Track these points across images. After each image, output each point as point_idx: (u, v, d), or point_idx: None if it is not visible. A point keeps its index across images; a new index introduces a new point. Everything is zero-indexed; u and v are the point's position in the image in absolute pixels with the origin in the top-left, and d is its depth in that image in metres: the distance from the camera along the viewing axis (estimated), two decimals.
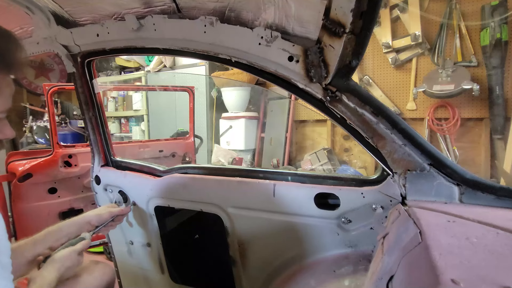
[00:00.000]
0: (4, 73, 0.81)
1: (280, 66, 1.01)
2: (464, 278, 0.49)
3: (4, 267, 0.82)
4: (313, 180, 1.19)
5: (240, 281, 1.43)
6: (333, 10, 0.83)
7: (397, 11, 3.74)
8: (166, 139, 3.56)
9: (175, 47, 1.20)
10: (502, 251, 0.59)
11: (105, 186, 1.68)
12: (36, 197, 2.64)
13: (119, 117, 5.84)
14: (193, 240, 1.52)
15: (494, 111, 3.28)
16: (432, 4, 3.59)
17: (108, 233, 1.45)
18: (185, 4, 1.10)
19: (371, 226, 1.08)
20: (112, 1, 1.17)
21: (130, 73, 5.71)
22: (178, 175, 1.45)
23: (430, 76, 3.51)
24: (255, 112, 4.76)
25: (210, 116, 4.75)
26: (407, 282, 0.57)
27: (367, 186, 1.08)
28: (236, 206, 1.33)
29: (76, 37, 1.39)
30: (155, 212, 1.53)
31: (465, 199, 0.90)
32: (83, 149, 2.80)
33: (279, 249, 1.29)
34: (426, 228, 0.70)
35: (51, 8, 1.32)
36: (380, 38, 3.86)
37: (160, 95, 5.19)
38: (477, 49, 3.37)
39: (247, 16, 1.04)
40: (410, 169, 0.94)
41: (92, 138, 1.65)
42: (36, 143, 5.00)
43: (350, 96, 0.95)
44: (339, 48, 0.87)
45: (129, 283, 1.84)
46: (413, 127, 0.93)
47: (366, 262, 1.06)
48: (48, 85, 2.63)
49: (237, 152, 4.51)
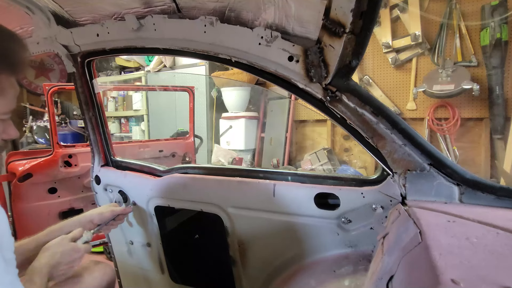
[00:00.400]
0: (9, 74, 0.81)
1: (280, 66, 1.01)
2: (464, 278, 0.49)
3: (9, 263, 0.82)
4: (313, 180, 1.19)
5: (240, 281, 1.43)
6: (333, 10, 0.83)
7: (397, 11, 3.74)
8: (166, 139, 3.56)
9: (175, 47, 1.20)
10: (502, 251, 0.59)
11: (105, 186, 1.68)
12: (36, 197, 2.64)
13: (119, 117, 5.83)
14: (193, 240, 1.52)
15: (494, 111, 3.28)
16: (432, 4, 3.59)
17: (109, 232, 1.45)
18: (185, 4, 1.10)
19: (371, 226, 1.08)
20: (112, 1, 1.17)
21: (130, 73, 5.71)
22: (178, 175, 1.45)
23: (430, 76, 3.51)
24: (255, 112, 4.76)
25: (210, 116, 4.75)
26: (407, 282, 0.57)
27: (367, 186, 1.08)
28: (236, 206, 1.33)
29: (76, 37, 1.39)
30: (155, 212, 1.53)
31: (465, 199, 0.90)
32: (83, 149, 2.80)
33: (279, 249, 1.29)
34: (426, 228, 0.70)
35: (51, 8, 1.32)
36: (380, 38, 3.86)
37: (160, 95, 5.19)
38: (477, 49, 3.37)
39: (247, 16, 1.04)
40: (410, 169, 0.94)
41: (92, 138, 1.65)
42: (36, 143, 5.01)
43: (350, 96, 0.95)
44: (339, 48, 0.87)
45: (129, 283, 1.84)
46: (413, 127, 0.93)
47: (366, 262, 1.06)
48: (48, 85, 2.63)
49: (237, 152, 4.51)
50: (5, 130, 0.86)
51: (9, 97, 0.83)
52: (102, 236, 2.63)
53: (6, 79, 0.80)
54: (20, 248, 1.08)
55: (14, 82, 0.83)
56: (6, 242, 0.83)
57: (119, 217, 1.41)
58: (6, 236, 0.84)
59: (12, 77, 0.83)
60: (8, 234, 0.86)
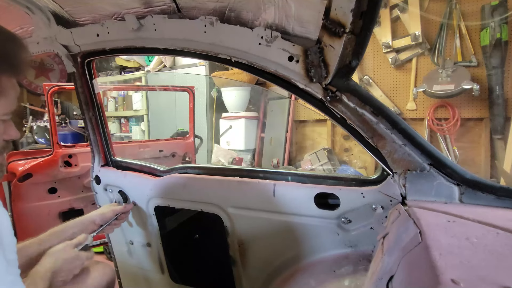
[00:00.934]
0: (9, 75, 0.81)
1: (280, 66, 1.01)
2: (464, 278, 0.49)
3: (10, 263, 0.83)
4: (313, 180, 1.19)
5: (240, 281, 1.43)
6: (333, 10, 0.83)
7: (397, 11, 3.74)
8: (166, 139, 3.56)
9: (175, 47, 1.20)
10: (502, 251, 0.59)
11: (105, 186, 1.68)
12: (36, 197, 2.64)
13: (119, 117, 5.84)
14: (193, 240, 1.52)
15: (494, 111, 3.28)
16: (432, 4, 3.59)
17: (112, 232, 1.46)
18: (185, 4, 1.10)
19: (371, 226, 1.08)
20: (112, 1, 1.17)
21: (130, 73, 5.71)
22: (178, 175, 1.45)
23: (430, 76, 3.51)
24: (255, 112, 4.76)
25: (210, 116, 4.75)
26: (407, 282, 0.57)
27: (367, 186, 1.08)
28: (236, 206, 1.33)
29: (76, 37, 1.39)
30: (155, 212, 1.53)
31: (465, 199, 0.90)
32: (83, 149, 2.80)
33: (279, 249, 1.29)
34: (426, 228, 0.70)
35: (51, 8, 1.32)
36: (380, 38, 3.86)
37: (160, 95, 5.19)
38: (477, 49, 3.37)
39: (247, 16, 1.04)
40: (410, 169, 0.94)
41: (92, 138, 1.65)
42: (36, 143, 5.01)
43: (350, 96, 0.95)
44: (339, 48, 0.87)
45: (129, 283, 1.84)
46: (413, 127, 0.93)
47: (366, 262, 1.06)
48: (48, 85, 2.63)
49: (237, 152, 4.51)
50: (6, 130, 0.86)
51: (10, 98, 0.83)
52: (102, 236, 2.64)
53: (7, 80, 0.81)
54: (23, 249, 1.09)
55: (15, 83, 0.84)
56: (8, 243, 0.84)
57: (121, 215, 1.42)
58: (8, 237, 0.85)
59: (13, 78, 0.83)
60: (10, 235, 0.86)
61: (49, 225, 1.22)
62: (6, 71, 0.80)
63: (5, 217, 0.85)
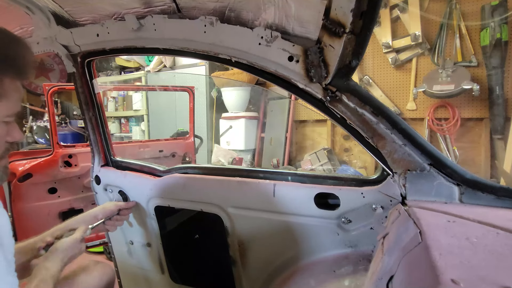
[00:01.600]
0: (13, 78, 0.82)
1: (280, 66, 1.01)
2: (464, 278, 0.49)
3: (10, 263, 0.83)
4: (313, 180, 1.19)
5: (240, 281, 1.43)
6: (333, 10, 0.83)
7: (397, 11, 3.74)
8: (166, 139, 3.56)
9: (175, 47, 1.20)
10: (502, 251, 0.59)
11: (105, 186, 1.68)
12: (36, 197, 2.64)
13: (119, 117, 5.84)
14: (193, 240, 1.52)
15: (494, 111, 3.28)
16: (432, 4, 3.59)
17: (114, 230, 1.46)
18: (185, 4, 1.10)
19: (371, 226, 1.08)
20: (112, 1, 1.17)
21: (130, 73, 5.71)
22: (178, 175, 1.45)
23: (430, 76, 3.51)
24: (255, 112, 4.76)
25: (210, 116, 4.75)
26: (407, 282, 0.57)
27: (367, 186, 1.08)
28: (236, 206, 1.33)
29: (76, 37, 1.39)
30: (155, 212, 1.53)
31: (465, 199, 0.90)
32: (83, 149, 2.80)
33: (279, 249, 1.29)
34: (426, 228, 0.70)
35: (51, 8, 1.32)
36: (380, 38, 3.86)
37: (160, 95, 5.19)
38: (477, 49, 3.37)
39: (247, 16, 1.04)
40: (410, 169, 0.94)
41: (92, 138, 1.65)
42: (36, 143, 5.01)
43: (350, 96, 0.95)
44: (339, 48, 0.87)
45: (129, 283, 1.84)
46: (413, 127, 0.93)
47: (366, 262, 1.06)
48: (48, 85, 2.63)
49: (237, 152, 4.51)
50: (10, 132, 0.86)
51: (14, 100, 0.83)
52: (102, 236, 2.64)
53: (11, 82, 0.81)
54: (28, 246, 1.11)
55: (18, 86, 0.84)
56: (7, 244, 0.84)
57: (124, 211, 1.44)
58: (8, 238, 0.85)
59: (17, 81, 0.83)
60: (10, 236, 0.87)
61: (49, 225, 1.22)
62: (10, 73, 0.80)
63: (5, 218, 0.85)
